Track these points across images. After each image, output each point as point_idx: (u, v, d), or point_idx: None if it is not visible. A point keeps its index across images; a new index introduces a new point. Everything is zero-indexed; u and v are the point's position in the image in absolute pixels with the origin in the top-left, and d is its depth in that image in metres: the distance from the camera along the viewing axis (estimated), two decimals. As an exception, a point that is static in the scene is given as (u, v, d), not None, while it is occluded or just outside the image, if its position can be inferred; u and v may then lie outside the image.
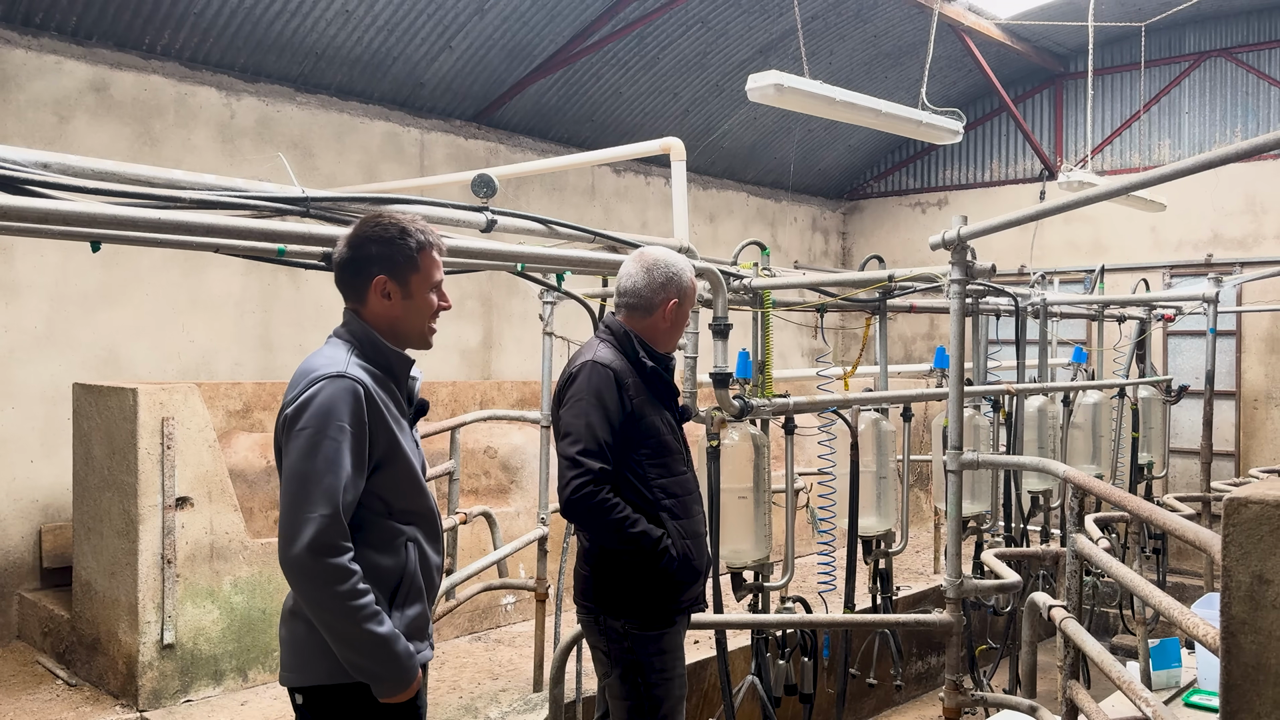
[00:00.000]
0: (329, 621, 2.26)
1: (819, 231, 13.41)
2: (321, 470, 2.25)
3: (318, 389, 2.31)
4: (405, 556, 2.41)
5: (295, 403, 2.32)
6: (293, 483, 2.27)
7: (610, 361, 3.05)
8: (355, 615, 2.24)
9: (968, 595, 3.67)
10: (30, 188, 2.50)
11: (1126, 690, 2.58)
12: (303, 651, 2.37)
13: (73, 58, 6.77)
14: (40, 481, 6.46)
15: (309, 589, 2.25)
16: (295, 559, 2.23)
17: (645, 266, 3.19)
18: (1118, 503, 2.73)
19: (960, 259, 3.49)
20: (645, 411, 3.05)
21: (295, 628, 2.39)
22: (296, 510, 2.24)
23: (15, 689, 5.34)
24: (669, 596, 3.08)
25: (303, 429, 2.28)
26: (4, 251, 6.39)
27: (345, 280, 2.48)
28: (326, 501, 2.24)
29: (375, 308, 2.46)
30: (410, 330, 2.52)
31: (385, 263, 2.44)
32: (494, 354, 9.48)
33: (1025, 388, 5.91)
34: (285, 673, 2.42)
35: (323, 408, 2.29)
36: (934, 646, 7.15)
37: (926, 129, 6.62)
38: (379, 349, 2.45)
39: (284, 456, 2.34)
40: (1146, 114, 11.37)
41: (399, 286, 2.46)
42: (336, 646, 2.29)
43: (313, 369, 2.37)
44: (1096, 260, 9.65)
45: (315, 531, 2.22)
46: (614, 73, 9.45)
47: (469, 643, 5.97)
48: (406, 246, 2.45)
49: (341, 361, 2.37)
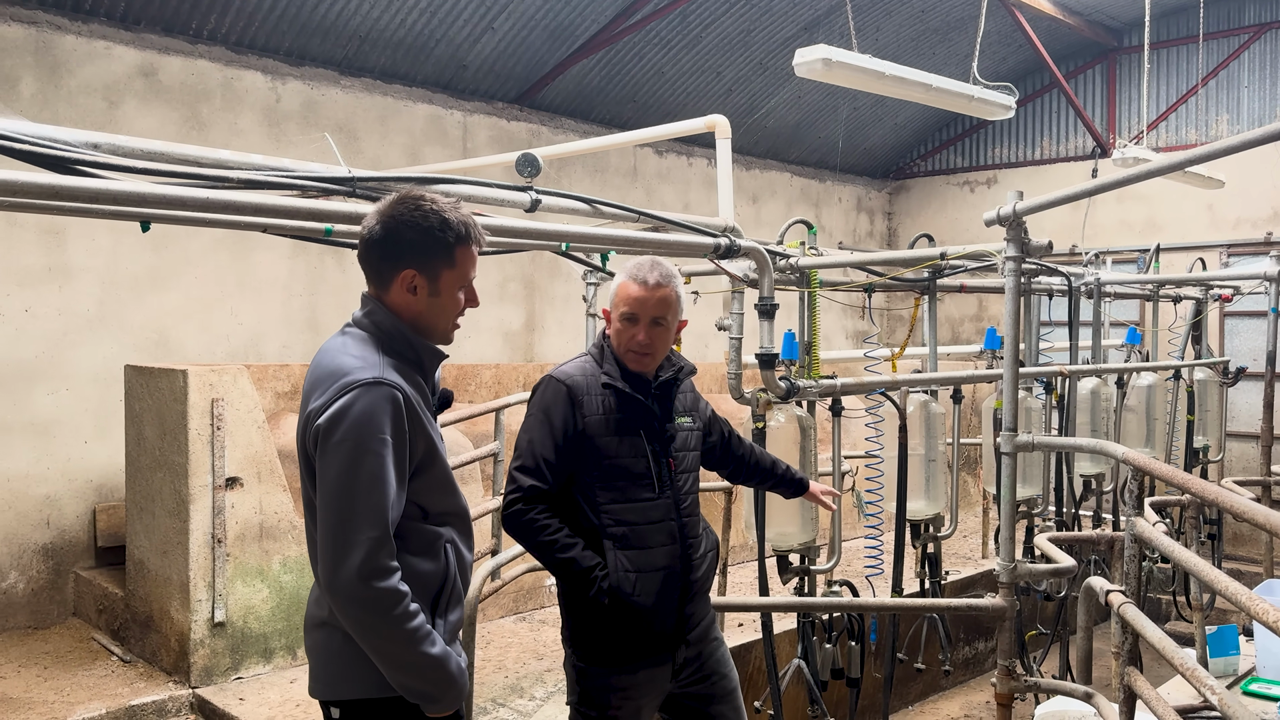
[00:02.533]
0: (381, 647, 2.12)
1: (864, 212, 13.24)
2: (366, 488, 2.08)
3: (353, 397, 2.10)
4: (445, 560, 2.28)
5: (328, 411, 2.10)
6: (336, 501, 2.08)
7: (569, 376, 2.85)
8: (409, 640, 2.10)
9: (1021, 580, 3.60)
10: (81, 168, 2.51)
11: (1189, 676, 2.50)
12: (338, 663, 2.21)
13: (121, 43, 6.84)
14: (94, 462, 6.58)
15: (360, 615, 2.09)
16: (345, 586, 2.07)
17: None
18: (1181, 485, 2.65)
19: (1016, 235, 3.41)
20: (601, 430, 2.80)
21: (328, 638, 2.23)
22: (342, 533, 2.07)
23: (72, 664, 5.45)
24: (607, 637, 2.81)
25: (341, 442, 2.08)
26: (56, 235, 6.49)
27: (371, 262, 2.26)
28: (374, 522, 2.08)
29: (397, 299, 2.25)
30: (430, 327, 2.30)
31: (418, 254, 2.22)
32: (536, 336, 9.49)
33: (1078, 369, 5.79)
34: (318, 685, 2.27)
35: (362, 419, 2.09)
36: (982, 631, 7.06)
37: (978, 104, 6.48)
38: (409, 344, 2.26)
39: (319, 469, 2.13)
40: (1204, 88, 11.06)
41: (428, 282, 2.25)
42: (387, 670, 2.15)
43: (343, 371, 2.15)
44: (1150, 239, 9.42)
45: (364, 556, 2.06)
46: (656, 52, 9.37)
47: (513, 623, 5.99)
48: (445, 240, 2.23)
49: (375, 364, 2.16)
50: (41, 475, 6.39)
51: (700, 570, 2.94)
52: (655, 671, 2.88)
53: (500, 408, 5.14)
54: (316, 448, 2.12)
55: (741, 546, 6.74)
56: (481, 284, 2.44)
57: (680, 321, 2.96)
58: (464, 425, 5.99)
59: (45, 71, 6.51)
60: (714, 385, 8.74)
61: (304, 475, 2.25)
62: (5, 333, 6.29)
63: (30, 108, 6.35)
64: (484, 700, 4.74)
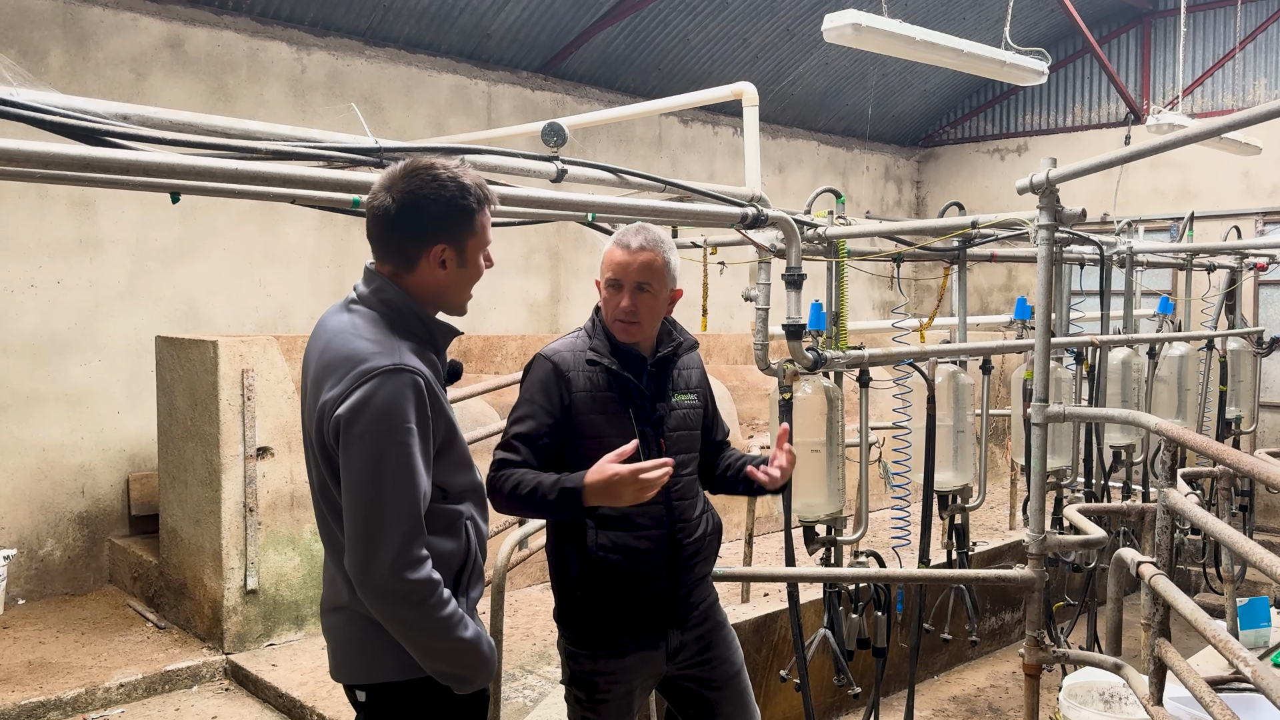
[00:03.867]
0: (417, 639, 2.09)
1: (892, 181, 13.11)
2: (395, 481, 2.02)
3: (374, 386, 2.02)
4: (466, 538, 2.24)
5: (348, 400, 2.02)
6: (365, 495, 2.03)
7: (556, 352, 2.75)
8: (444, 628, 2.07)
9: (1050, 551, 3.58)
10: (111, 139, 2.52)
11: (1222, 648, 2.48)
12: (363, 647, 2.16)
13: (148, 15, 6.85)
14: (127, 432, 6.67)
15: (395, 610, 2.05)
16: (378, 581, 2.02)
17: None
18: (1215, 455, 2.61)
19: (1049, 203, 3.35)
20: (587, 408, 2.69)
21: (348, 622, 2.19)
22: (373, 527, 2.02)
23: (109, 630, 5.55)
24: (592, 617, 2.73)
25: (364, 434, 2.01)
26: (87, 208, 6.55)
27: (392, 242, 2.16)
28: (406, 515, 2.03)
29: (426, 276, 2.17)
30: (456, 299, 2.25)
31: (446, 228, 2.15)
32: (561, 307, 9.49)
33: (1110, 339, 5.72)
34: (342, 670, 2.23)
35: (385, 410, 2.01)
36: (1008, 602, 7.05)
37: (1010, 69, 6.37)
38: (422, 322, 2.19)
39: (344, 462, 2.05)
40: (1241, 52, 10.83)
41: (456, 254, 2.18)
42: (422, 657, 2.12)
43: (360, 357, 2.06)
44: (1183, 207, 9.27)
45: (398, 549, 2.01)
46: (682, 19, 9.28)
47: (541, 591, 6.04)
48: (467, 207, 2.16)
49: (392, 348, 2.08)
50: (76, 445, 6.49)
51: (693, 554, 2.81)
52: (647, 655, 2.78)
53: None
54: (338, 440, 2.05)
55: (767, 517, 6.74)
56: (507, 255, 2.45)
57: (674, 291, 2.84)
58: (490, 396, 6.01)
59: (73, 44, 6.53)
60: (740, 357, 8.73)
61: (317, 462, 2.16)
62: (38, 305, 6.37)
63: (59, 80, 6.39)
64: (512, 667, 4.79)
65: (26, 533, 6.28)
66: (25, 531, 6.27)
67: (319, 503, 2.22)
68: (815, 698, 4.56)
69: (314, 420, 2.13)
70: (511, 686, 4.59)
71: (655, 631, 2.78)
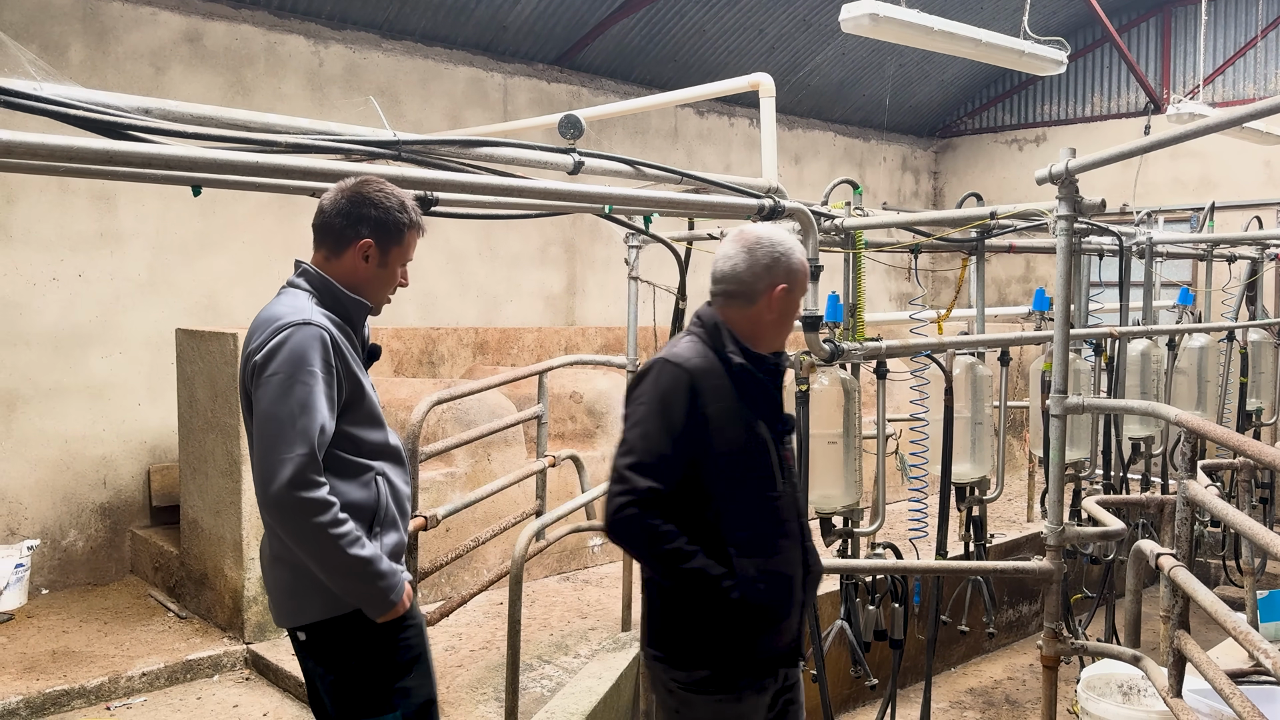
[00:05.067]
0: (314, 552, 2.36)
1: (909, 171, 13.05)
2: (296, 412, 2.34)
3: (286, 335, 2.39)
4: (377, 490, 2.52)
5: (264, 349, 2.39)
6: (269, 425, 2.35)
7: (687, 360, 2.49)
8: (339, 542, 2.34)
9: (1069, 543, 3.57)
10: (133, 133, 2.54)
11: (1242, 640, 2.48)
12: (296, 593, 2.49)
13: (167, 9, 6.89)
14: (148, 424, 6.73)
15: (293, 524, 2.33)
16: (276, 497, 2.31)
17: (746, 246, 2.60)
18: (1236, 447, 2.61)
19: (1069, 194, 3.34)
20: (726, 422, 2.48)
21: (281, 572, 2.51)
22: (274, 451, 2.32)
23: (131, 620, 5.61)
24: (734, 650, 2.49)
25: (274, 374, 2.36)
26: (107, 201, 6.60)
27: (332, 229, 2.55)
28: (303, 441, 2.33)
29: (349, 264, 2.55)
30: (371, 295, 2.61)
31: (377, 229, 2.54)
32: (578, 300, 9.50)
33: (1129, 330, 5.69)
34: (283, 614, 2.55)
35: (294, 353, 2.37)
36: (1026, 594, 7.03)
37: (1029, 59, 6.34)
38: (338, 298, 2.54)
39: (256, 399, 2.40)
40: (1263, 41, 10.72)
41: (379, 254, 2.56)
42: (325, 574, 2.40)
43: (277, 316, 2.44)
44: (1203, 198, 9.19)
45: (294, 470, 2.30)
46: (697, 10, 9.26)
47: (557, 582, 6.07)
48: (400, 221, 2.56)
49: (306, 310, 2.46)
50: (97, 436, 6.55)
51: (817, 577, 2.69)
52: (759, 699, 2.57)
53: (543, 371, 5.16)
54: (254, 384, 2.40)
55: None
56: (523, 247, 2.51)
57: None
58: (507, 389, 6.03)
59: (93, 38, 6.58)
60: (756, 348, 8.71)
61: (245, 414, 2.50)
62: (60, 298, 6.43)
63: (79, 74, 6.43)
64: (530, 657, 4.82)
65: (49, 523, 6.35)
66: (48, 522, 6.34)
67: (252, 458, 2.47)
68: (832, 689, 4.56)
69: (242, 373, 2.49)
70: (529, 676, 4.62)
71: (782, 663, 2.60)
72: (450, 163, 3.26)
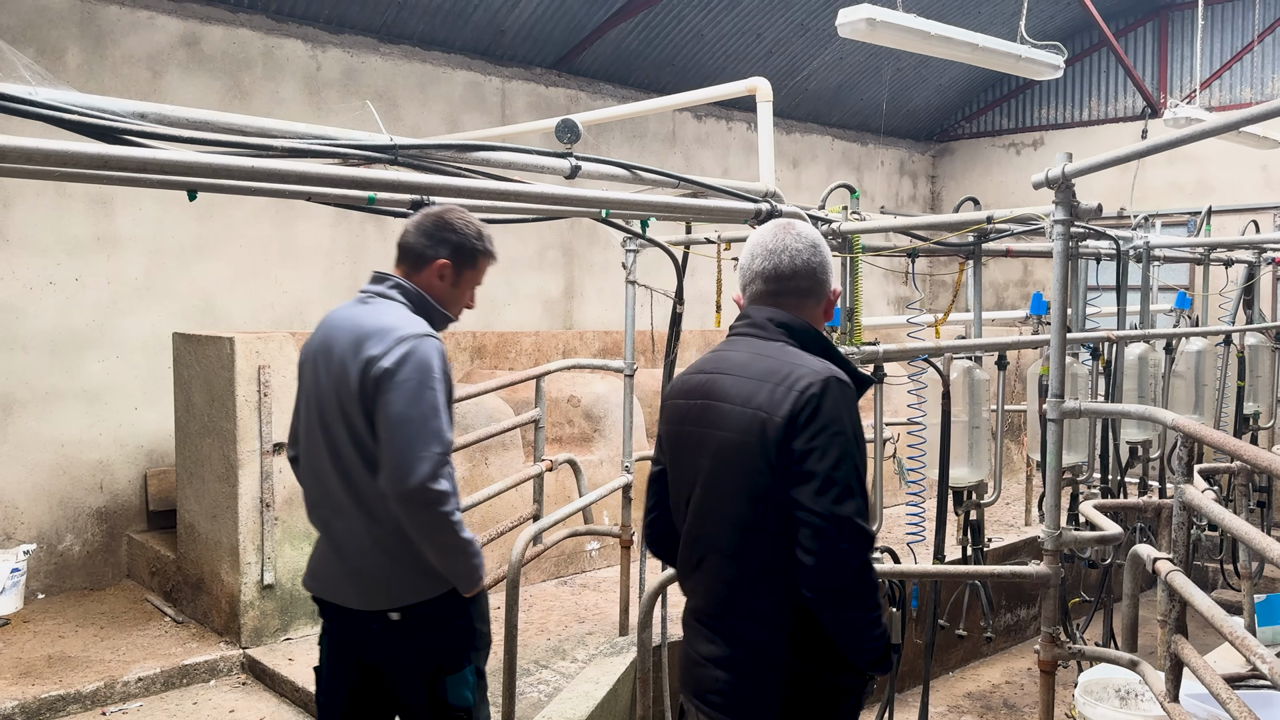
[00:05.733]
0: (437, 538, 2.60)
1: (906, 175, 13.06)
2: (428, 415, 2.58)
3: (413, 345, 2.61)
4: (452, 482, 2.70)
5: (391, 355, 2.60)
6: (405, 426, 2.55)
7: (845, 376, 2.18)
8: (456, 528, 2.61)
9: (1066, 547, 3.57)
10: (129, 138, 2.54)
11: (1239, 644, 2.47)
12: (397, 578, 2.69)
13: (164, 13, 6.89)
14: (144, 428, 6.72)
15: (425, 514, 2.56)
16: (414, 491, 2.52)
17: (811, 242, 2.31)
18: (1233, 452, 2.60)
19: (1065, 198, 3.34)
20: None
21: (380, 559, 2.69)
22: (411, 449, 2.54)
23: (127, 625, 5.60)
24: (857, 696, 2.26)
25: (405, 380, 2.57)
26: (104, 205, 6.59)
27: (416, 247, 2.81)
28: (438, 441, 2.58)
29: (425, 281, 2.82)
30: (444, 309, 2.87)
31: (455, 252, 2.82)
32: (575, 304, 9.50)
33: (1126, 334, 5.69)
34: (377, 599, 2.71)
35: (421, 361, 2.60)
36: (1024, 599, 7.03)
37: (1026, 64, 6.34)
38: (430, 311, 2.79)
39: (384, 403, 2.58)
40: (1260, 45, 10.74)
41: (454, 274, 2.83)
42: (439, 556, 2.64)
43: (394, 327, 2.65)
44: (1200, 202, 9.21)
45: (431, 467, 2.54)
46: (695, 14, 9.27)
47: (555, 586, 6.06)
48: (476, 249, 2.85)
49: (418, 322, 2.70)
50: (94, 441, 6.54)
51: None
52: None
53: (540, 375, 5.16)
54: (378, 388, 2.59)
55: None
56: (521, 252, 2.54)
57: None
58: (505, 393, 6.02)
59: (90, 42, 6.58)
60: (754, 352, 8.71)
61: (348, 417, 2.65)
62: (57, 302, 6.42)
63: (76, 78, 6.43)
64: (527, 662, 4.81)
65: (46, 528, 6.33)
66: (45, 526, 6.33)
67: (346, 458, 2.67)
68: (830, 693, 4.55)
69: (346, 382, 2.65)
70: (526, 681, 4.61)
71: None
72: (447, 167, 3.25)
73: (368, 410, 2.62)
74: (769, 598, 2.17)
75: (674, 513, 2.41)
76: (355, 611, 2.74)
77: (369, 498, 2.66)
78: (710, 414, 2.26)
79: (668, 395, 2.46)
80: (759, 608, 2.19)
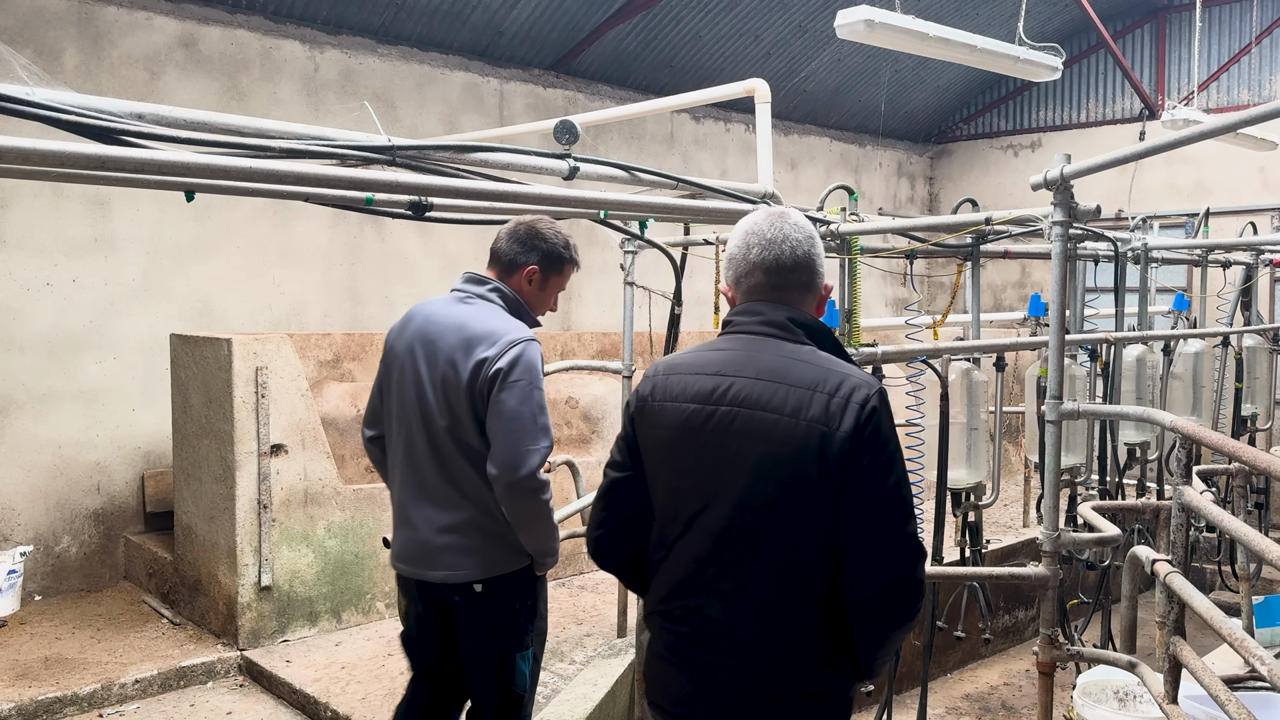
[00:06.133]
0: (537, 520, 2.95)
1: (905, 177, 13.07)
2: (537, 413, 2.91)
3: (523, 348, 2.93)
4: None
5: (506, 357, 2.90)
6: (518, 422, 2.88)
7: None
8: (550, 512, 2.98)
9: (1064, 549, 3.57)
10: (127, 138, 2.53)
11: (1238, 646, 2.47)
12: (483, 552, 2.98)
13: (162, 14, 6.88)
14: (141, 429, 6.71)
15: (531, 500, 2.91)
16: (524, 480, 2.87)
17: (809, 233, 2.18)
18: (1231, 453, 2.60)
19: (1064, 200, 3.33)
20: None
21: (465, 538, 2.98)
22: (523, 444, 2.87)
23: (124, 626, 5.59)
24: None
25: (518, 380, 2.89)
26: (102, 206, 6.58)
27: (509, 253, 3.10)
28: (546, 436, 2.92)
29: (514, 284, 3.11)
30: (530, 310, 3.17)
31: (544, 259, 3.12)
32: (573, 305, 9.50)
33: (1124, 336, 5.69)
34: (463, 572, 2.99)
35: (530, 364, 2.92)
36: (1022, 600, 7.02)
37: (1024, 65, 6.34)
38: (523, 313, 3.09)
39: (498, 400, 2.88)
40: (1257, 47, 10.75)
41: (541, 279, 3.13)
42: (534, 536, 2.98)
43: (504, 330, 2.95)
44: (1198, 203, 9.21)
45: (540, 459, 2.89)
46: (694, 15, 9.27)
47: (553, 588, 6.05)
48: (563, 257, 3.17)
49: (522, 327, 3.01)
50: (91, 442, 6.53)
51: None
52: None
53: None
54: (492, 385, 2.89)
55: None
56: None
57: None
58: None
59: (88, 43, 6.57)
60: (752, 353, 8.70)
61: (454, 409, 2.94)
62: (54, 303, 6.41)
63: (74, 79, 6.42)
64: (525, 664, 4.80)
65: (43, 529, 6.32)
66: (41, 528, 6.32)
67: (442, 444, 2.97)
68: (828, 695, 4.54)
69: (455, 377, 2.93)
70: (524, 683, 4.60)
71: None
72: (445, 168, 3.25)
73: (475, 405, 2.91)
74: (803, 619, 2.08)
75: (662, 527, 2.18)
76: (439, 586, 3.01)
77: (459, 480, 2.96)
78: (745, 423, 2.05)
79: (647, 396, 2.20)
80: (792, 630, 2.08)
